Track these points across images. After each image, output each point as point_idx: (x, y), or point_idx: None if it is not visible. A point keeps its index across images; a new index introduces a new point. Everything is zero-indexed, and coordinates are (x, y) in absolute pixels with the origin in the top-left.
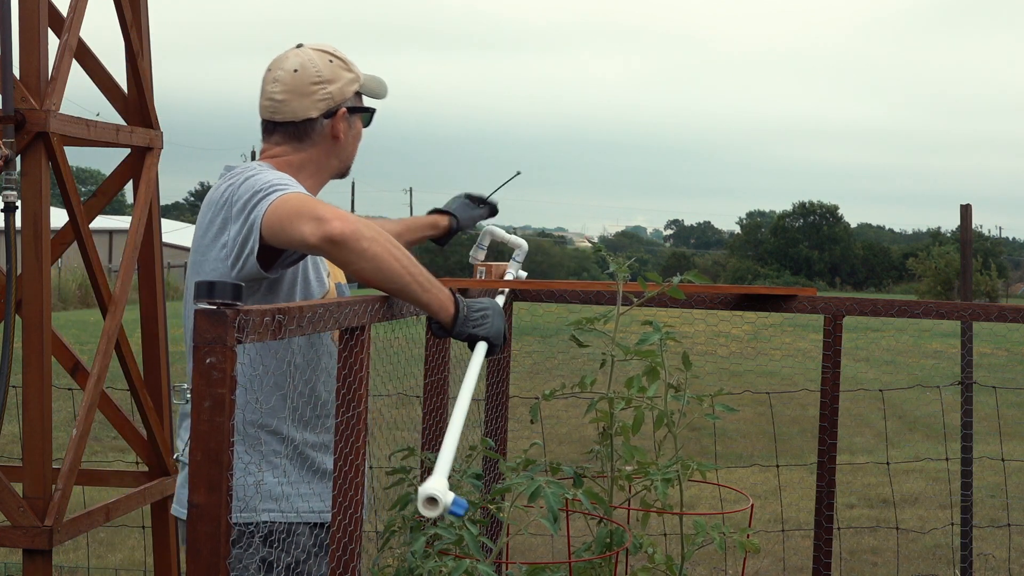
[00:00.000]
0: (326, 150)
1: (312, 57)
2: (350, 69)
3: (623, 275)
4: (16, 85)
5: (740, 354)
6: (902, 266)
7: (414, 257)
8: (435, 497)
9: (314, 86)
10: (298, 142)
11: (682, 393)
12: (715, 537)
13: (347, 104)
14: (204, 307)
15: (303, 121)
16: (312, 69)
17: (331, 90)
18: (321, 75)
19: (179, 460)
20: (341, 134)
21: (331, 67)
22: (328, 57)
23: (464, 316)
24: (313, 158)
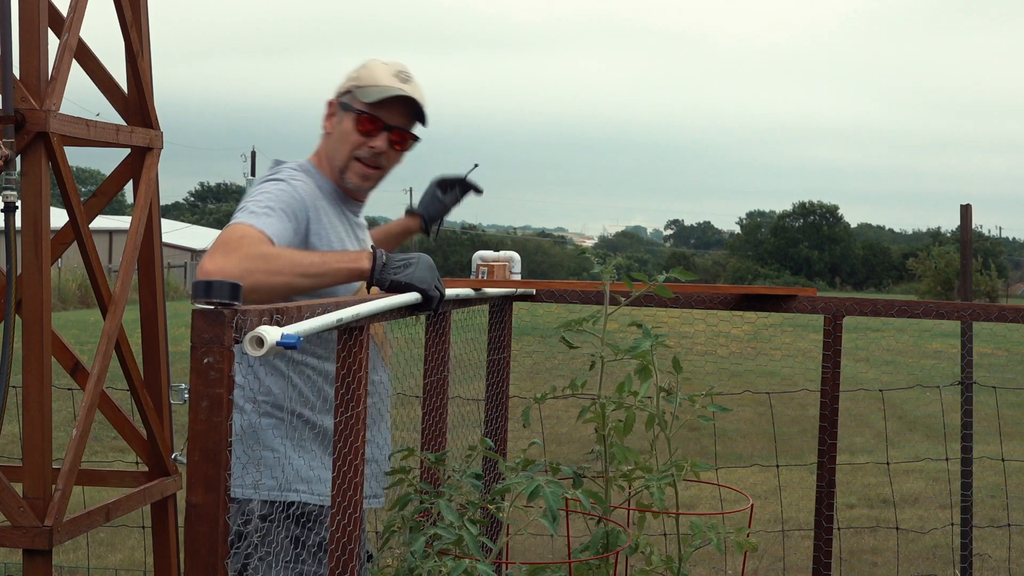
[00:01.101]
0: (325, 144)
1: (380, 60)
2: (364, 69)
3: (608, 275)
4: (16, 85)
5: (740, 354)
6: (902, 266)
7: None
8: (261, 337)
9: (349, 74)
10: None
11: (674, 395)
12: (712, 538)
13: (340, 98)
14: (201, 307)
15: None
16: (362, 64)
17: (339, 85)
18: (349, 74)
19: (177, 460)
20: (326, 126)
21: (358, 68)
22: (373, 63)
23: (382, 264)
24: (322, 150)
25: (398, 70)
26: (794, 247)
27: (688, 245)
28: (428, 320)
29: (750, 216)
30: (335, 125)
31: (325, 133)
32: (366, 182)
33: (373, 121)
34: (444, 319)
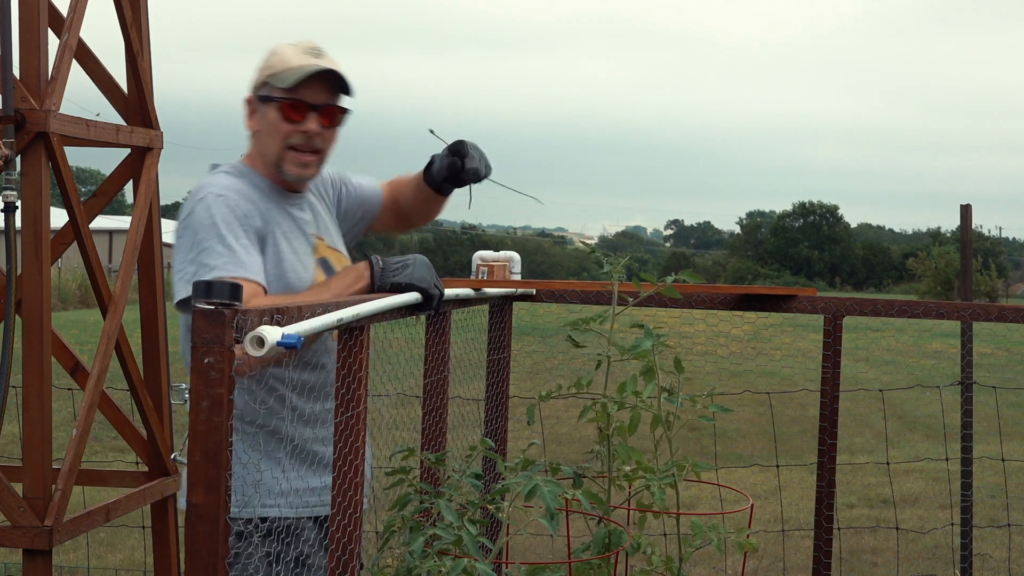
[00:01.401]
0: (254, 143)
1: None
2: (274, 56)
3: (618, 275)
4: (16, 85)
5: (740, 354)
6: (902, 266)
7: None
8: (261, 337)
9: (258, 67)
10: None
11: (675, 395)
12: (712, 538)
13: (257, 93)
14: (202, 307)
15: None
16: (267, 52)
17: (253, 79)
18: (259, 65)
19: (177, 460)
20: (250, 126)
21: (267, 57)
22: (280, 47)
23: (381, 270)
24: (253, 151)
25: (307, 47)
26: (794, 247)
27: (688, 245)
28: (428, 320)
29: (750, 216)
30: (259, 121)
31: (252, 133)
32: (306, 170)
33: (297, 105)
34: (444, 319)
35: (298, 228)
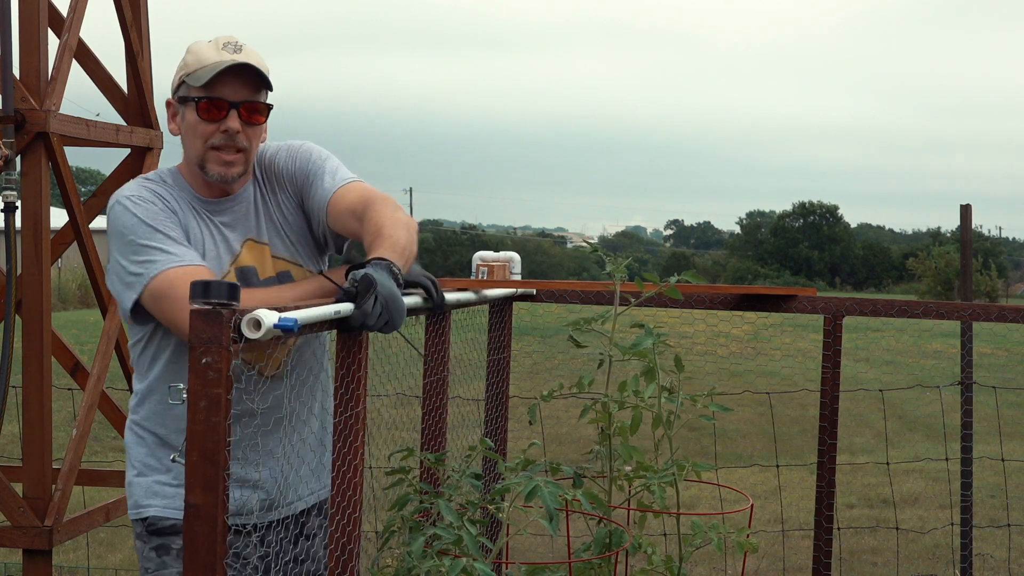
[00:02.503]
0: (182, 145)
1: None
2: (190, 55)
3: (620, 275)
4: (16, 85)
5: (740, 354)
6: (902, 266)
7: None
8: (258, 319)
9: (177, 66)
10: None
11: (676, 394)
12: (712, 538)
13: (177, 94)
14: (199, 307)
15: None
16: (186, 50)
17: (172, 82)
18: (178, 66)
19: (176, 460)
20: (172, 129)
21: (184, 56)
22: (196, 45)
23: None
24: (183, 155)
25: (224, 42)
26: (794, 247)
27: (688, 245)
28: (428, 320)
29: (750, 216)
30: (180, 124)
31: (176, 136)
32: (230, 168)
33: (215, 103)
34: (444, 319)
35: (218, 234)
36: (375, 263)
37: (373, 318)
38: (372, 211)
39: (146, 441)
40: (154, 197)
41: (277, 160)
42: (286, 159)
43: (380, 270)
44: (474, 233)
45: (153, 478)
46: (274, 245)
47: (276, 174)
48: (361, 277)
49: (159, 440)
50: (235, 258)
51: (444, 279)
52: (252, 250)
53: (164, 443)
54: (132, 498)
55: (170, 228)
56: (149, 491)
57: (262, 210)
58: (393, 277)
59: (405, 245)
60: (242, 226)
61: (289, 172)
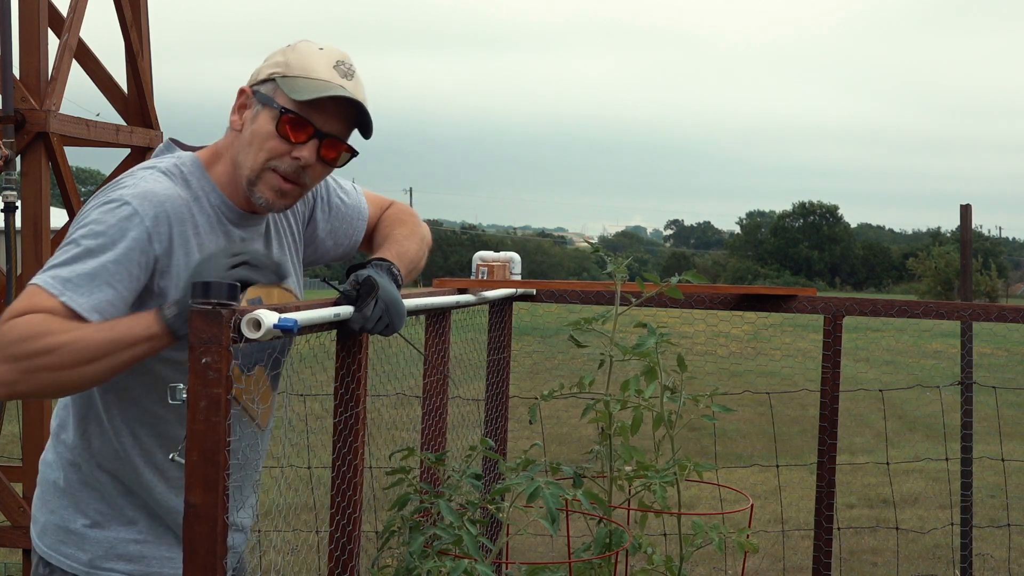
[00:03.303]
0: (230, 142)
1: (314, 43)
2: (294, 53)
3: (621, 275)
4: (16, 85)
5: (740, 354)
6: (902, 266)
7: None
8: (258, 319)
9: (272, 56)
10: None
11: (678, 394)
12: (713, 538)
13: (256, 87)
14: (199, 307)
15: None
16: (289, 46)
17: (258, 70)
18: (272, 56)
19: (175, 460)
20: (234, 121)
21: (285, 51)
22: (306, 46)
23: (173, 314)
24: (224, 148)
25: (338, 60)
26: (794, 247)
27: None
28: (428, 320)
29: (750, 216)
30: (248, 121)
31: (232, 129)
32: (282, 199)
33: (301, 124)
34: (444, 319)
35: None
36: (375, 264)
37: (372, 321)
38: (387, 217)
39: (101, 486)
40: (149, 212)
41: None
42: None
43: (381, 272)
44: (474, 233)
45: (112, 532)
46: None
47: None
48: (364, 280)
49: (120, 487)
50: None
51: (444, 279)
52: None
53: (127, 489)
54: (82, 552)
55: (110, 274)
56: (111, 551)
57: (274, 239)
58: (394, 279)
59: (413, 256)
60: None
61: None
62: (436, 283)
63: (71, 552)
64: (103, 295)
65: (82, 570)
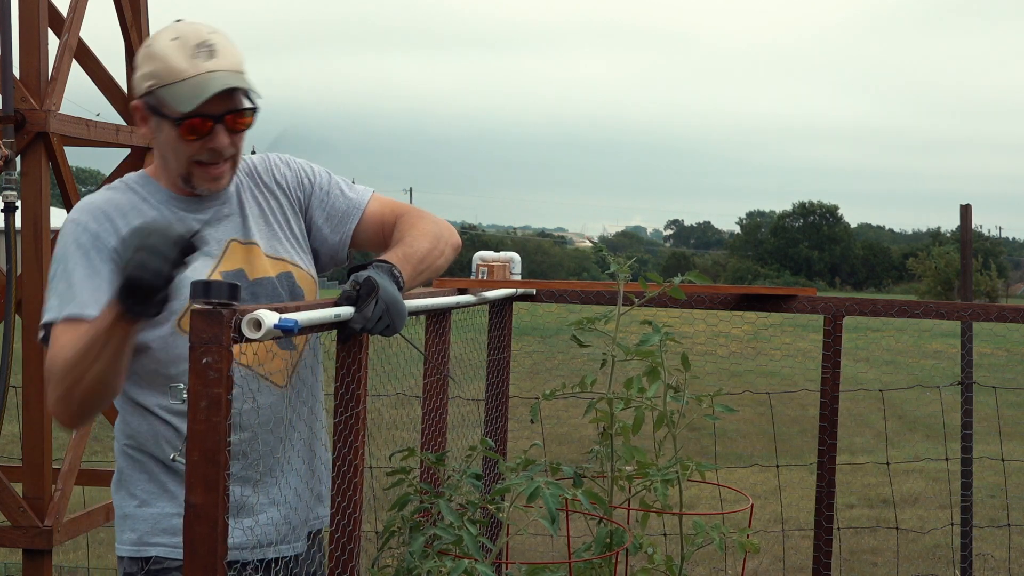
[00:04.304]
0: (155, 149)
1: (165, 31)
2: (158, 61)
3: (624, 275)
4: (16, 85)
5: (740, 354)
6: (902, 266)
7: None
8: (259, 319)
9: (139, 63)
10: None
11: (681, 393)
12: (714, 537)
13: (145, 99)
14: (200, 307)
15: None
16: (147, 45)
17: (139, 74)
18: (140, 64)
19: (176, 460)
20: (146, 133)
21: (149, 58)
22: (161, 45)
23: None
24: (156, 157)
25: (196, 43)
26: (794, 247)
27: (688, 245)
28: (428, 320)
29: (750, 216)
30: (155, 132)
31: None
32: (220, 182)
33: (198, 123)
34: (444, 319)
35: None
36: (377, 265)
37: (372, 322)
38: (403, 220)
39: (146, 466)
40: (93, 219)
41: (274, 169)
42: (285, 169)
43: (382, 273)
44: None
45: (157, 508)
46: (272, 247)
47: (275, 181)
48: (364, 280)
49: (161, 465)
50: (218, 261)
51: (444, 279)
52: (237, 252)
53: (168, 469)
54: (132, 532)
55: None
56: (156, 526)
57: (252, 211)
58: (394, 280)
59: (423, 256)
60: (225, 226)
61: (291, 182)
62: (436, 283)
63: (126, 536)
64: (84, 294)
65: (132, 550)
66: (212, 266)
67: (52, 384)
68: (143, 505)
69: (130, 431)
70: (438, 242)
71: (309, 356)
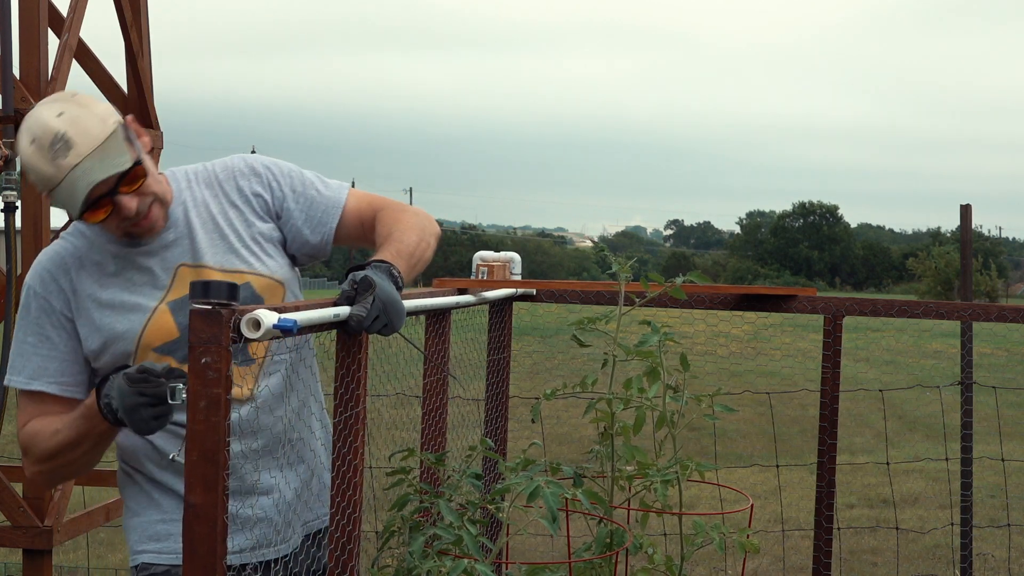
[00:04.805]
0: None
1: (22, 133)
2: (32, 175)
3: (625, 275)
4: (16, 85)
5: (740, 354)
6: (902, 266)
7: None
8: (257, 319)
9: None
10: None
11: (680, 393)
12: (714, 537)
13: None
14: (199, 307)
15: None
16: (19, 150)
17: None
18: (21, 155)
19: (175, 460)
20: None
21: (25, 156)
22: (23, 150)
23: (107, 401)
24: None
25: (50, 143)
26: (794, 247)
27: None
28: (428, 320)
29: (750, 216)
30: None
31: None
32: (155, 227)
33: (94, 212)
34: (444, 319)
35: (139, 275)
36: (375, 265)
37: (369, 320)
38: (384, 214)
39: (134, 479)
40: (40, 279)
41: (237, 176)
42: (251, 175)
43: (379, 272)
44: (474, 233)
45: (145, 517)
46: (226, 261)
47: (237, 189)
48: (361, 279)
49: (145, 477)
50: (166, 291)
51: (444, 279)
52: (187, 276)
53: (151, 480)
54: (128, 542)
55: (38, 328)
56: (143, 534)
57: (204, 227)
58: (393, 280)
59: (413, 250)
60: (173, 251)
61: (258, 188)
62: (436, 283)
63: (128, 546)
64: (32, 364)
65: (130, 560)
66: (160, 296)
67: (30, 460)
68: (133, 516)
69: (119, 446)
70: (424, 234)
71: (276, 365)
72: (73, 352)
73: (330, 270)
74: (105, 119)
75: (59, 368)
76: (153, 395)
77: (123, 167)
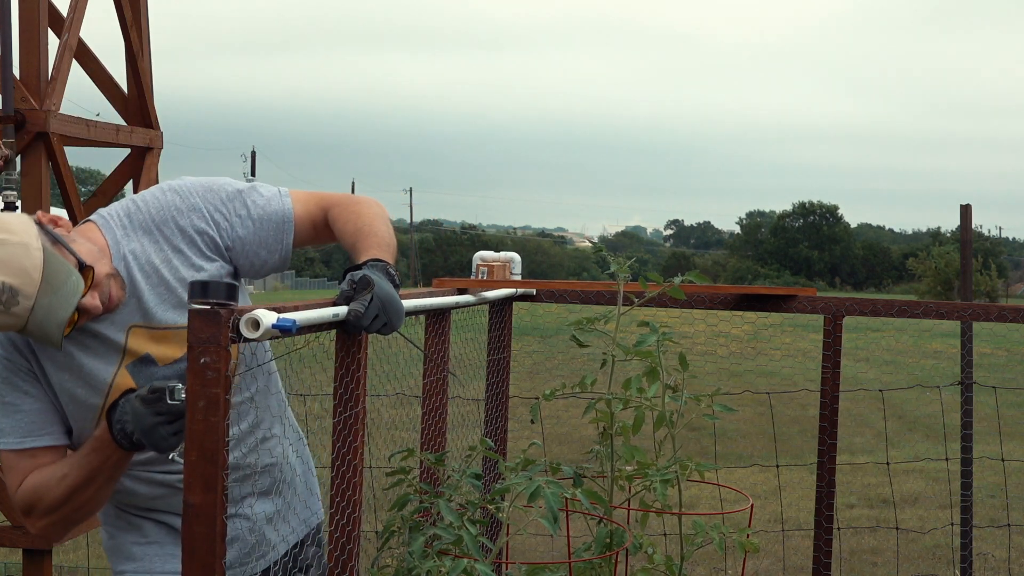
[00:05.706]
0: None
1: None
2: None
3: (624, 275)
4: (16, 85)
5: (740, 354)
6: (902, 266)
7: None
8: (257, 319)
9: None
10: None
11: (679, 393)
12: (714, 537)
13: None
14: (198, 307)
15: None
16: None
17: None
18: None
19: (175, 460)
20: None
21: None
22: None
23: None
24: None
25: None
26: (794, 247)
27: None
28: (428, 320)
29: (750, 216)
30: None
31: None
32: (111, 307)
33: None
34: (444, 319)
35: (92, 340)
36: (371, 264)
37: (368, 319)
38: (339, 211)
39: (113, 499)
40: (7, 343)
41: (176, 216)
42: (189, 211)
43: (377, 271)
44: (474, 233)
45: (120, 540)
46: (180, 317)
47: (177, 230)
48: (359, 279)
49: (117, 503)
50: (122, 355)
51: (444, 279)
52: (140, 336)
53: (121, 509)
54: (109, 563)
55: (14, 389)
56: (120, 555)
57: (149, 283)
58: (390, 278)
59: (389, 240)
60: (122, 314)
61: (200, 224)
62: (436, 283)
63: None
64: (22, 423)
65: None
66: (117, 362)
67: (38, 514)
68: (111, 538)
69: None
70: (388, 224)
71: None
72: (52, 400)
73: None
74: (28, 244)
75: (47, 419)
76: (169, 412)
77: (79, 289)
